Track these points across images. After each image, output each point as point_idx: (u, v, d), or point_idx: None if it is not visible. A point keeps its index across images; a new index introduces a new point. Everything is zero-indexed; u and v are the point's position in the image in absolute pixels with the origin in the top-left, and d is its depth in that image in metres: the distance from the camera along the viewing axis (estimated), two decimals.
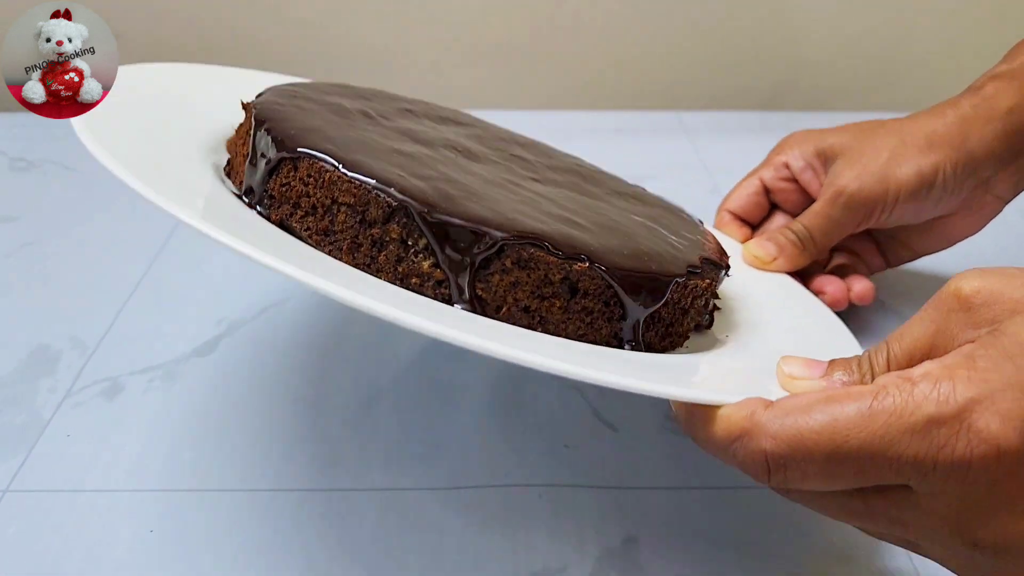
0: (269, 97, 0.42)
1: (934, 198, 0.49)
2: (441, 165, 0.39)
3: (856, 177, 0.49)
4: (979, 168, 0.49)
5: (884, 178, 0.48)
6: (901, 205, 0.49)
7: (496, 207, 0.36)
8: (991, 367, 0.26)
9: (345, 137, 0.38)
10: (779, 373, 0.33)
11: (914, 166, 0.48)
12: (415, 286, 0.35)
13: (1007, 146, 0.49)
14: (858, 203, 0.49)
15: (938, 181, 0.48)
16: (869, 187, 0.48)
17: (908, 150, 0.49)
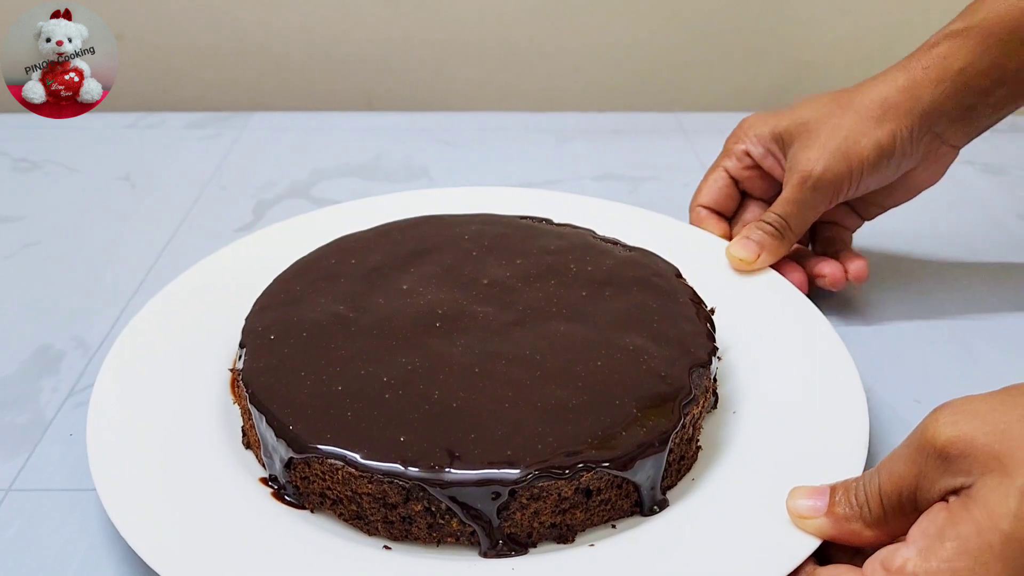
0: (253, 362, 0.43)
1: (895, 164, 0.50)
2: (426, 384, 0.41)
3: (818, 159, 0.50)
4: (933, 125, 0.50)
5: (846, 155, 0.49)
6: (866, 178, 0.50)
7: (492, 435, 0.38)
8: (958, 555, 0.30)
9: (340, 411, 0.40)
10: (790, 512, 0.37)
11: (872, 139, 0.49)
12: (451, 543, 0.38)
13: (958, 104, 0.49)
14: (825, 184, 0.50)
15: (897, 148, 0.49)
16: (833, 167, 0.49)
17: (864, 123, 0.50)
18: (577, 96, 0.91)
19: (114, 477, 0.39)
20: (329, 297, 0.47)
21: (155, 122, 0.82)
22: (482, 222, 0.54)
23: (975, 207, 0.69)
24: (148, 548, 0.36)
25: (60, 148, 0.76)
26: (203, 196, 0.70)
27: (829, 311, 0.54)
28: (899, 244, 0.64)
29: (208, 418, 0.43)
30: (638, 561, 0.37)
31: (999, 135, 0.81)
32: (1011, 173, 0.74)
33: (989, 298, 0.58)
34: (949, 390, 0.49)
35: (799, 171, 0.50)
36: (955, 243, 0.64)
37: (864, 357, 0.51)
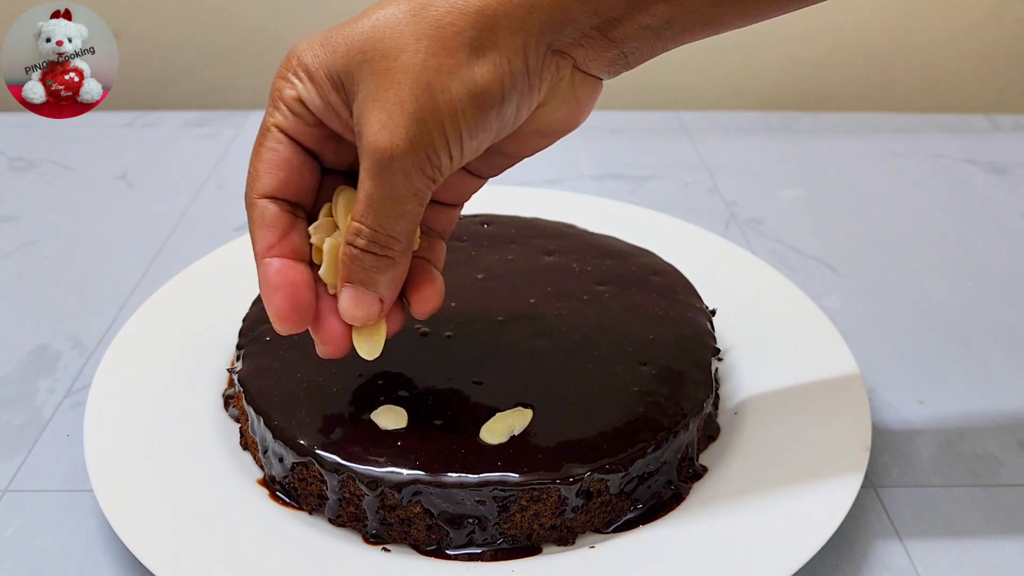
0: (250, 364, 0.42)
1: (509, 110, 0.33)
2: (424, 385, 0.41)
3: (393, 124, 0.31)
4: (555, 43, 0.32)
5: (432, 111, 0.31)
6: (469, 140, 0.32)
7: (491, 437, 0.38)
8: None
9: (338, 412, 0.39)
10: None
11: (466, 82, 0.31)
12: (453, 545, 0.37)
13: (593, 12, 0.32)
14: (411, 165, 0.32)
15: (506, 90, 0.32)
16: (418, 135, 0.31)
17: (452, 54, 0.31)
18: None
19: (111, 478, 0.39)
20: None
21: (152, 121, 0.82)
22: (482, 221, 0.53)
23: (978, 206, 0.69)
24: (145, 549, 0.35)
25: (56, 147, 0.76)
26: (200, 195, 0.70)
27: (830, 311, 0.54)
28: (900, 244, 0.64)
29: (205, 419, 0.43)
30: (638, 562, 0.36)
31: (1002, 133, 0.81)
32: (1014, 172, 0.74)
33: (992, 298, 0.58)
34: (952, 390, 0.50)
35: (371, 149, 0.32)
36: (958, 242, 0.64)
37: (866, 357, 0.51)
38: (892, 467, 0.44)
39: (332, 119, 0.34)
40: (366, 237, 0.33)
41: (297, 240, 0.35)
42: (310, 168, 0.35)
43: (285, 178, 0.34)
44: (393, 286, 0.35)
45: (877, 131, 0.82)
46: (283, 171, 0.34)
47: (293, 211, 0.35)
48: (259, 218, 0.34)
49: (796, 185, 0.72)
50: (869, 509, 0.42)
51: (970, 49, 0.90)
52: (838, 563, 0.39)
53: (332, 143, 0.35)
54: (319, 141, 0.35)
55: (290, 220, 0.35)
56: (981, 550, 0.40)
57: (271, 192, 0.34)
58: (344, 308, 0.35)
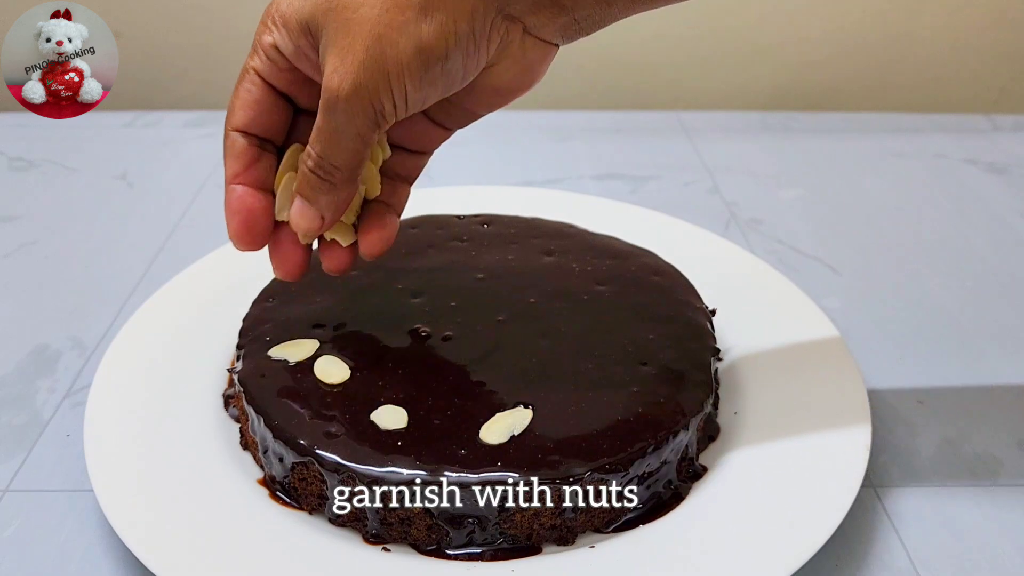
0: (250, 364, 0.42)
1: (454, 68, 0.35)
2: (423, 384, 0.41)
3: (345, 70, 0.34)
4: (507, 7, 0.34)
5: (379, 63, 0.34)
6: (415, 92, 0.35)
7: (491, 437, 0.38)
8: None
9: (338, 412, 0.39)
10: None
11: (413, 39, 0.34)
12: (453, 544, 0.37)
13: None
14: (357, 107, 0.35)
15: (450, 49, 0.34)
16: (364, 82, 0.34)
17: (403, 12, 0.34)
18: (578, 94, 0.91)
19: (111, 478, 0.39)
20: (327, 297, 0.46)
21: (152, 121, 0.82)
22: (482, 221, 0.53)
23: (978, 206, 0.69)
24: (145, 549, 0.35)
25: (56, 147, 0.76)
26: (201, 195, 0.70)
27: (831, 311, 0.54)
28: (900, 244, 0.64)
29: (205, 419, 0.43)
30: (638, 562, 0.36)
31: (1002, 134, 0.81)
32: (1014, 172, 0.74)
33: (992, 298, 0.58)
34: (951, 390, 0.50)
35: (323, 87, 0.35)
36: (957, 242, 0.64)
37: (866, 357, 0.51)
38: (892, 467, 0.44)
39: (303, 62, 0.37)
40: (312, 161, 0.37)
41: (261, 171, 0.39)
42: (280, 108, 0.39)
43: (255, 115, 0.38)
44: (333, 209, 0.38)
45: (877, 131, 0.82)
46: (254, 109, 0.38)
47: (261, 145, 0.39)
48: (229, 148, 0.38)
49: (796, 185, 0.72)
50: (869, 509, 0.42)
51: (970, 49, 0.90)
52: (838, 563, 0.39)
53: (305, 86, 0.39)
54: (291, 84, 0.38)
55: (257, 153, 0.39)
56: (980, 549, 0.40)
57: (242, 126, 0.38)
58: (291, 216, 0.38)
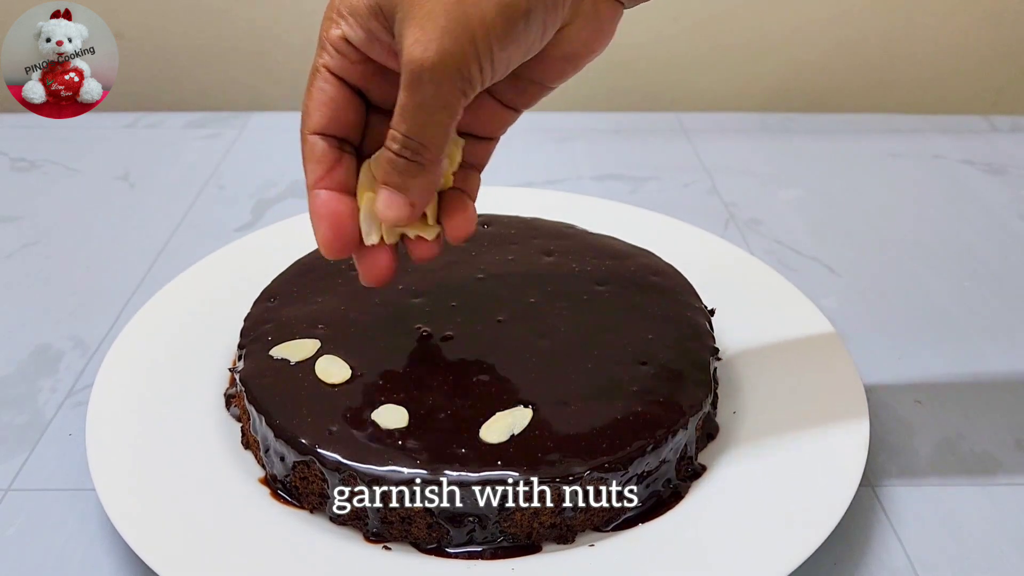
0: (251, 364, 0.43)
1: (536, 25, 0.34)
2: (424, 384, 0.41)
3: (427, 39, 0.33)
4: None
5: (464, 26, 0.33)
6: (499, 52, 0.34)
7: (491, 436, 0.38)
8: None
9: (339, 411, 0.40)
10: None
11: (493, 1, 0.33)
12: (453, 543, 0.38)
13: None
14: (445, 74, 0.34)
15: (532, 3, 0.34)
16: (450, 47, 0.33)
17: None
18: (578, 95, 0.91)
19: (113, 477, 0.39)
20: (328, 297, 0.47)
21: (154, 122, 0.82)
22: (482, 222, 0.54)
23: (976, 207, 0.69)
24: (147, 548, 0.36)
25: (58, 148, 0.76)
26: (202, 196, 0.70)
27: (829, 311, 0.54)
28: (898, 244, 0.64)
29: (207, 418, 0.43)
30: (638, 561, 0.37)
31: (1000, 134, 0.81)
32: (1012, 173, 0.74)
33: (990, 298, 0.58)
34: (950, 390, 0.50)
35: (405, 62, 0.34)
36: (955, 243, 0.64)
37: (864, 357, 0.51)
38: (890, 466, 0.45)
39: (375, 49, 0.36)
40: (399, 143, 0.35)
41: (343, 174, 0.38)
42: (355, 105, 0.38)
43: (332, 115, 0.37)
44: (423, 192, 0.37)
45: (875, 132, 0.82)
46: (330, 108, 0.37)
47: (340, 146, 0.38)
48: (309, 153, 0.37)
49: (795, 185, 0.73)
50: (867, 508, 0.42)
51: (968, 50, 0.90)
52: (836, 562, 0.39)
53: (377, 78, 0.37)
54: (364, 77, 0.37)
55: (337, 155, 0.37)
56: (979, 549, 0.40)
57: (320, 128, 0.37)
58: (379, 208, 0.37)
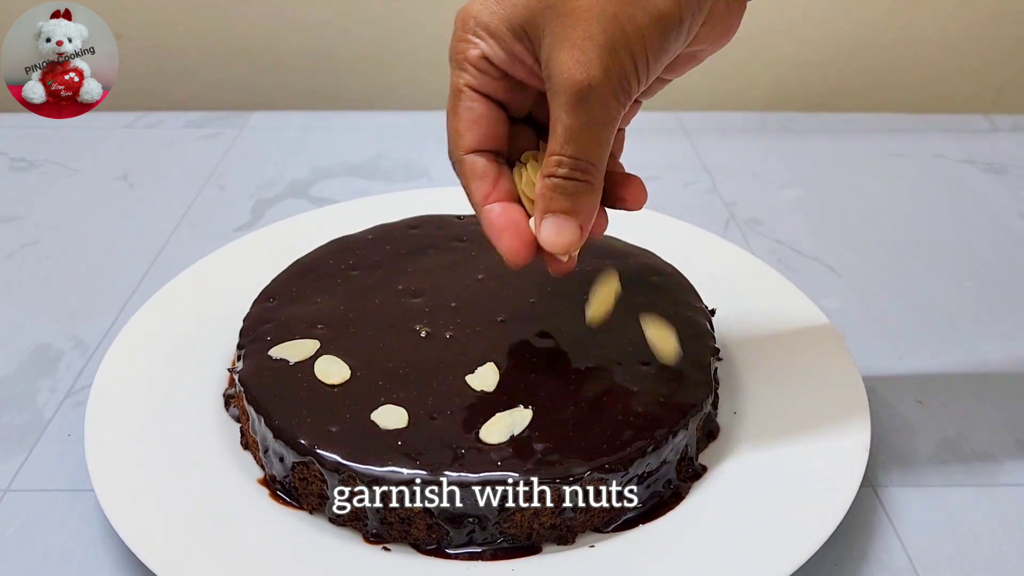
0: (251, 364, 0.43)
1: (684, 32, 0.35)
2: (424, 384, 0.41)
3: (587, 61, 0.33)
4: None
5: (624, 42, 0.34)
6: (655, 62, 0.35)
7: (491, 437, 0.38)
8: None
9: (338, 412, 0.40)
10: None
11: (647, 12, 0.34)
12: (453, 544, 0.38)
13: None
14: (608, 93, 0.34)
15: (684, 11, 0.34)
16: (612, 66, 0.34)
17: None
18: None
19: (112, 477, 0.39)
20: (327, 297, 0.47)
21: (153, 121, 0.82)
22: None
23: (976, 206, 0.69)
24: (146, 549, 0.36)
25: (58, 147, 0.76)
26: (202, 196, 0.70)
27: (830, 310, 0.54)
28: (899, 244, 0.64)
29: (206, 418, 0.43)
30: (638, 562, 0.37)
31: (1001, 134, 0.81)
32: (1012, 172, 0.74)
33: (991, 298, 0.58)
34: (950, 390, 0.50)
35: (566, 85, 0.34)
36: (956, 242, 0.64)
37: (865, 357, 0.51)
38: (891, 467, 0.45)
39: (517, 68, 0.37)
40: (568, 166, 0.35)
41: (507, 184, 0.38)
42: (502, 119, 0.38)
43: (485, 131, 0.38)
44: (592, 211, 0.37)
45: (876, 131, 0.82)
46: (482, 126, 0.37)
47: (497, 159, 0.38)
48: (471, 172, 0.38)
49: (795, 185, 0.72)
50: (868, 508, 0.42)
51: (969, 50, 0.90)
52: (837, 562, 0.39)
53: (516, 93, 0.38)
54: (505, 92, 0.38)
55: (497, 168, 0.38)
56: (979, 549, 0.40)
57: (476, 146, 0.38)
58: (547, 238, 0.37)
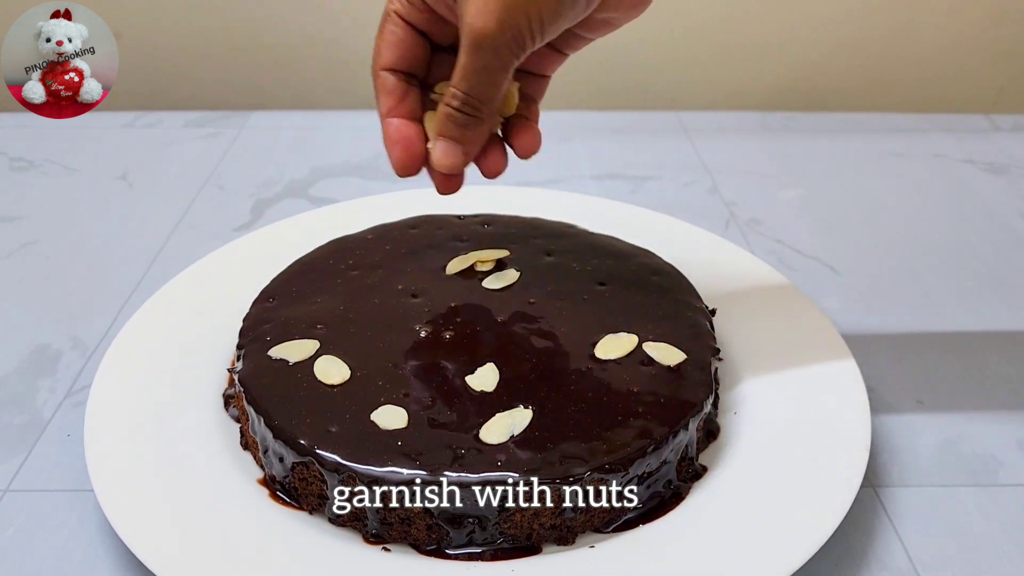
0: (250, 364, 0.43)
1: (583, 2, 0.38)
2: (424, 384, 0.41)
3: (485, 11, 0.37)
4: None
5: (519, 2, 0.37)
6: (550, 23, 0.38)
7: (491, 437, 0.38)
8: None
9: (338, 412, 0.40)
10: None
11: None
12: (453, 544, 0.37)
13: None
14: (504, 43, 0.37)
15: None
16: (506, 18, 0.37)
17: None
18: (578, 95, 0.91)
19: (112, 478, 0.39)
20: (327, 297, 0.47)
21: (153, 121, 0.82)
22: (482, 221, 0.53)
23: (977, 206, 0.69)
24: (146, 549, 0.35)
25: (57, 147, 0.76)
26: (201, 195, 0.70)
27: (830, 310, 0.54)
28: (900, 244, 0.64)
29: (206, 419, 0.43)
30: (638, 562, 0.36)
31: (1001, 134, 0.81)
32: (1013, 172, 0.74)
33: (991, 298, 0.58)
34: (951, 391, 0.50)
35: (467, 30, 0.38)
36: (957, 242, 0.64)
37: (866, 357, 0.51)
38: (891, 467, 0.44)
39: (439, 4, 0.40)
40: (459, 100, 0.39)
41: (411, 104, 0.42)
42: (422, 45, 0.42)
43: (402, 54, 0.42)
44: (477, 142, 0.41)
45: (876, 131, 0.82)
46: (400, 49, 0.41)
47: (408, 81, 0.42)
48: (382, 86, 0.42)
49: (795, 185, 0.72)
50: (868, 509, 0.42)
51: (969, 49, 0.90)
52: (837, 562, 0.39)
53: (439, 24, 0.42)
54: (428, 23, 0.41)
55: (405, 88, 0.42)
56: (980, 549, 0.40)
57: (391, 65, 0.42)
58: (436, 158, 0.41)
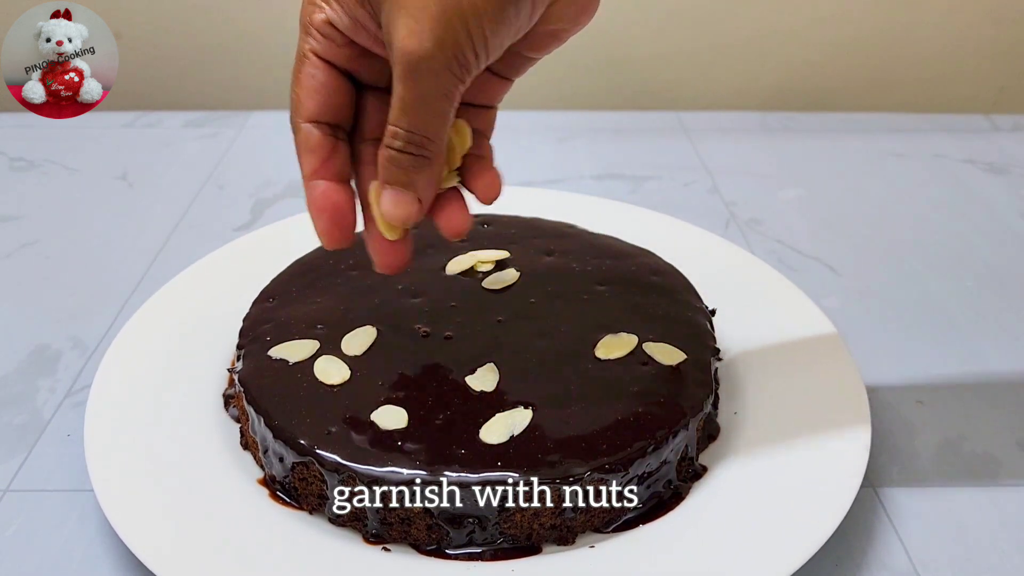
0: (250, 364, 0.42)
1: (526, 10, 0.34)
2: (423, 384, 0.41)
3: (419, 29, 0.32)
4: None
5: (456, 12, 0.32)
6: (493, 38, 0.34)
7: (491, 437, 0.38)
8: None
9: (338, 412, 0.39)
10: None
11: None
12: (453, 544, 0.37)
13: None
14: (440, 65, 0.33)
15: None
16: (443, 35, 0.32)
17: None
18: (578, 94, 0.91)
19: (112, 478, 0.39)
20: (326, 297, 0.47)
21: (153, 121, 0.82)
22: (482, 221, 0.53)
23: (977, 206, 0.69)
24: (146, 549, 0.35)
25: (57, 147, 0.76)
26: (201, 195, 0.70)
27: (830, 310, 0.54)
28: (900, 244, 0.64)
29: (206, 419, 0.43)
30: (638, 562, 0.36)
31: (1001, 134, 0.81)
32: (1013, 172, 0.74)
33: (992, 298, 0.58)
34: (951, 391, 0.50)
35: (399, 55, 0.33)
36: (957, 242, 0.64)
37: (866, 357, 0.51)
38: (891, 467, 0.45)
39: (361, 35, 0.35)
40: (402, 139, 0.34)
41: (339, 162, 0.37)
42: (346, 89, 0.37)
43: (324, 100, 0.36)
44: (430, 185, 0.36)
45: (876, 131, 0.82)
46: (321, 95, 0.36)
47: (334, 133, 0.37)
48: (304, 143, 0.36)
49: (795, 185, 0.72)
50: (868, 509, 0.42)
51: (969, 49, 0.90)
52: (838, 563, 0.39)
53: (364, 60, 0.37)
54: (352, 60, 0.36)
55: (332, 144, 0.37)
56: (980, 549, 0.40)
57: (314, 116, 0.36)
58: (385, 209, 0.36)
